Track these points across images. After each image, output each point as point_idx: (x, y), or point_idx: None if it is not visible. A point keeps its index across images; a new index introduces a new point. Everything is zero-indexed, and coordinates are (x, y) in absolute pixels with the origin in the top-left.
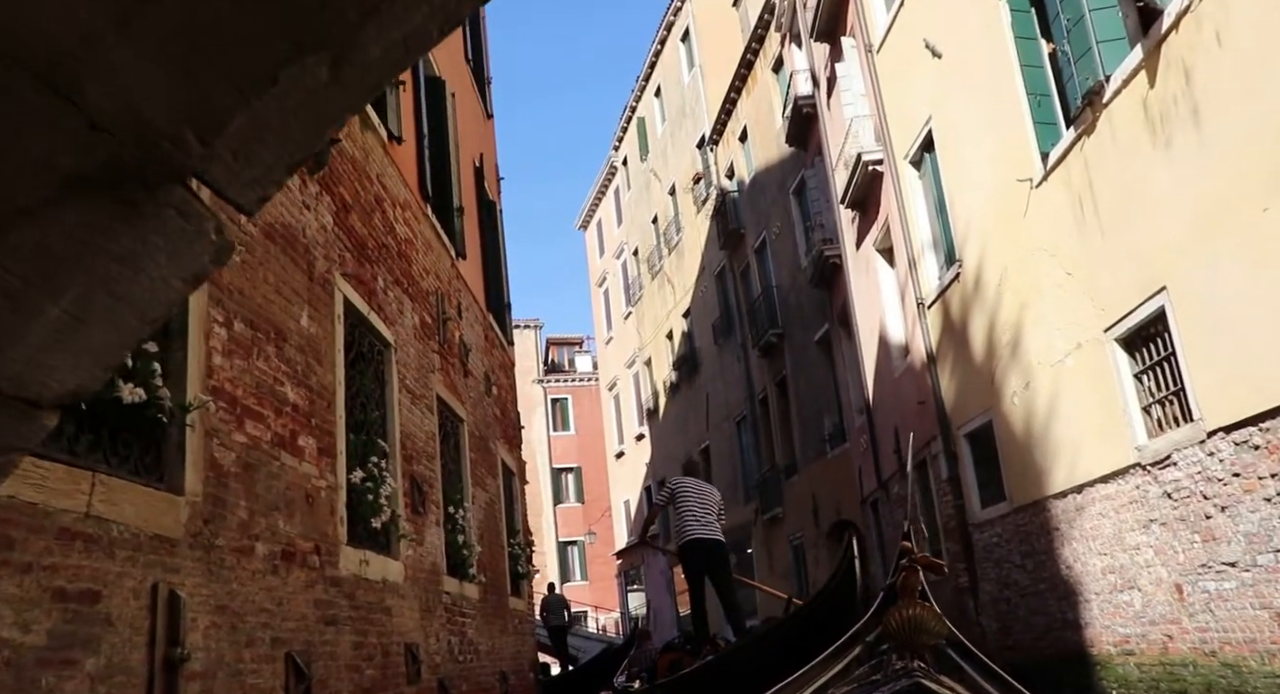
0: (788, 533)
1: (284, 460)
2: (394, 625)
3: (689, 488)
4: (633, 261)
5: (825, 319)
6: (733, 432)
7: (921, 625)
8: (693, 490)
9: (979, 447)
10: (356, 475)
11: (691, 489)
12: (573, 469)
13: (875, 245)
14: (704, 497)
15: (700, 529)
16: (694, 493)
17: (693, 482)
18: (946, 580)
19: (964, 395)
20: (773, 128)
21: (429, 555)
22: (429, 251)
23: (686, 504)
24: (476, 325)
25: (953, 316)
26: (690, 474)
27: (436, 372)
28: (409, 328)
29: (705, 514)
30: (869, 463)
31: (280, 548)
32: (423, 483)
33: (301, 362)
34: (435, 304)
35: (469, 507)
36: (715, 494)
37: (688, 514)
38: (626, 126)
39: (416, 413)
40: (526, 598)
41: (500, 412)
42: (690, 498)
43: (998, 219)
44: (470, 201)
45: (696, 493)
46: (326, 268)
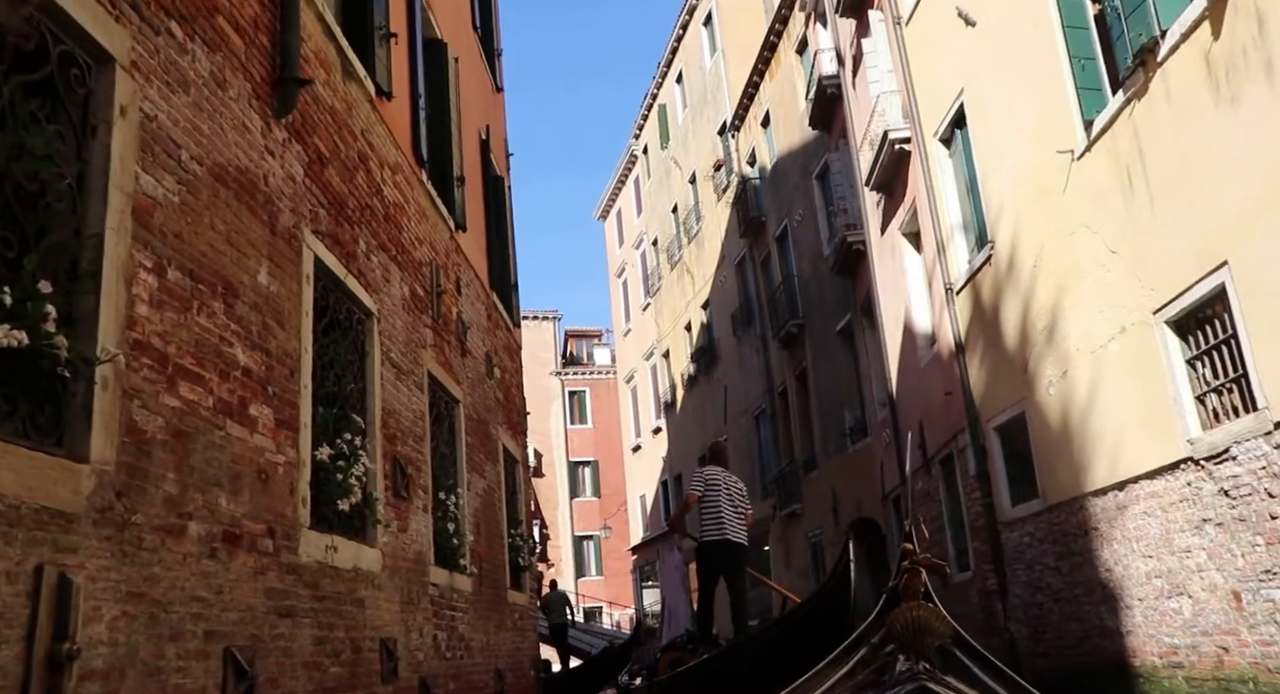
0: (806, 530)
1: (230, 430)
2: (367, 618)
3: (719, 481)
4: (652, 252)
5: (848, 308)
6: (751, 425)
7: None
8: (722, 484)
9: (1010, 440)
10: (324, 452)
11: (721, 483)
12: (590, 463)
13: (901, 229)
14: (732, 491)
15: (728, 530)
16: (723, 487)
17: (723, 473)
18: (973, 582)
19: (994, 386)
20: (796, 111)
21: (413, 544)
22: (423, 220)
23: (715, 499)
24: (478, 303)
25: (983, 302)
26: (717, 459)
27: (429, 347)
28: (396, 298)
29: (733, 511)
30: (891, 458)
31: (221, 529)
32: (407, 465)
33: (257, 322)
34: (430, 276)
35: (463, 493)
36: (740, 485)
37: (717, 510)
38: (647, 114)
39: (403, 390)
40: (529, 592)
41: (504, 396)
42: (720, 492)
43: (1034, 196)
44: (474, 173)
45: (725, 487)
46: (293, 222)
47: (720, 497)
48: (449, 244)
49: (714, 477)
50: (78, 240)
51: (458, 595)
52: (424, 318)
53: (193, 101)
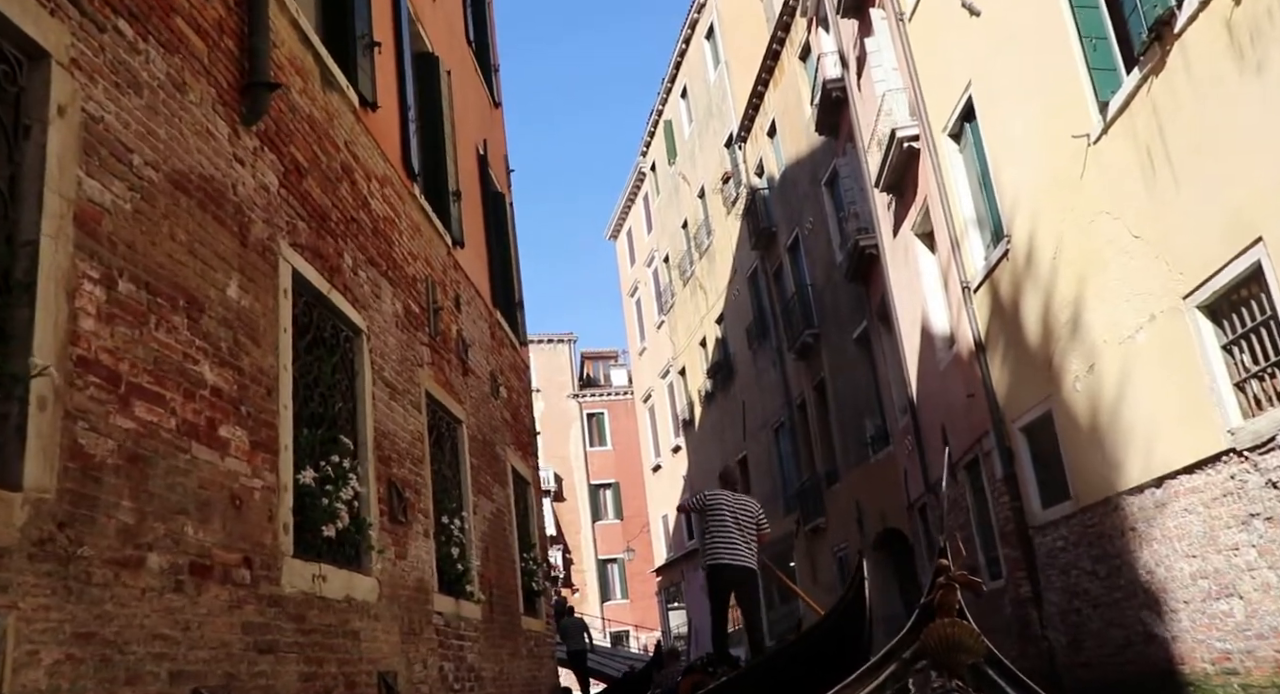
0: (831, 544)
1: (197, 454)
2: (363, 651)
3: (725, 503)
4: (664, 269)
5: (863, 315)
6: (770, 440)
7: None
8: (728, 506)
9: (1037, 440)
10: (308, 475)
11: (727, 505)
12: (611, 485)
13: (914, 229)
14: (740, 514)
15: (729, 555)
16: (729, 509)
17: (730, 496)
18: (1006, 591)
19: (1018, 385)
20: (802, 119)
21: (413, 570)
22: (416, 235)
23: (720, 521)
24: (480, 321)
25: (1002, 299)
26: (727, 485)
27: (426, 366)
28: (388, 314)
29: (739, 536)
30: (915, 465)
31: (188, 560)
32: (404, 488)
33: (227, 338)
34: (425, 292)
35: (468, 517)
36: (753, 506)
37: (721, 534)
38: (654, 131)
39: (398, 410)
40: (544, 618)
41: (511, 416)
42: (724, 515)
43: (1050, 185)
44: (472, 189)
45: (732, 509)
46: (268, 234)
47: (726, 519)
48: (446, 260)
49: (717, 498)
50: (10, 248)
51: (466, 624)
52: (420, 336)
53: (146, 104)
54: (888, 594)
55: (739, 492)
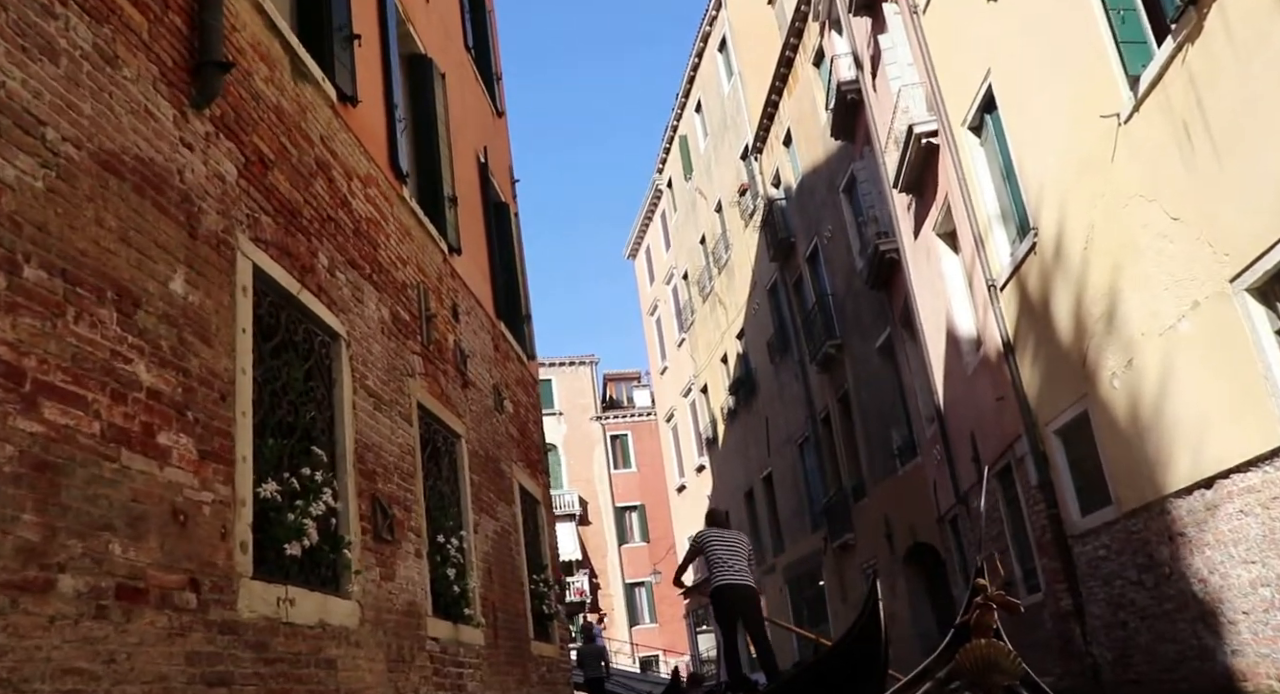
0: (860, 560)
1: (128, 463)
2: (340, 681)
3: (713, 538)
4: (683, 286)
5: (886, 323)
6: (795, 455)
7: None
8: (719, 540)
9: (1074, 443)
10: (270, 488)
11: (716, 539)
12: (636, 507)
13: (935, 229)
14: (732, 546)
15: (728, 575)
16: (722, 543)
17: (716, 532)
18: (1045, 604)
19: (1051, 385)
20: (817, 125)
21: (402, 593)
22: (406, 239)
23: (714, 552)
24: (482, 332)
25: (1030, 295)
26: (714, 524)
27: (418, 376)
28: (372, 320)
29: (734, 560)
30: (944, 476)
31: (115, 582)
32: (391, 505)
33: (170, 337)
34: (417, 299)
35: (468, 536)
36: (743, 541)
37: (716, 562)
38: (669, 147)
39: (384, 421)
40: (558, 642)
41: (518, 432)
42: (716, 546)
43: (1078, 172)
44: (472, 197)
45: (726, 541)
46: (223, 226)
47: (720, 550)
48: (442, 268)
49: (707, 536)
50: None
51: (465, 650)
52: (411, 344)
53: (65, 75)
54: (920, 611)
55: (727, 528)
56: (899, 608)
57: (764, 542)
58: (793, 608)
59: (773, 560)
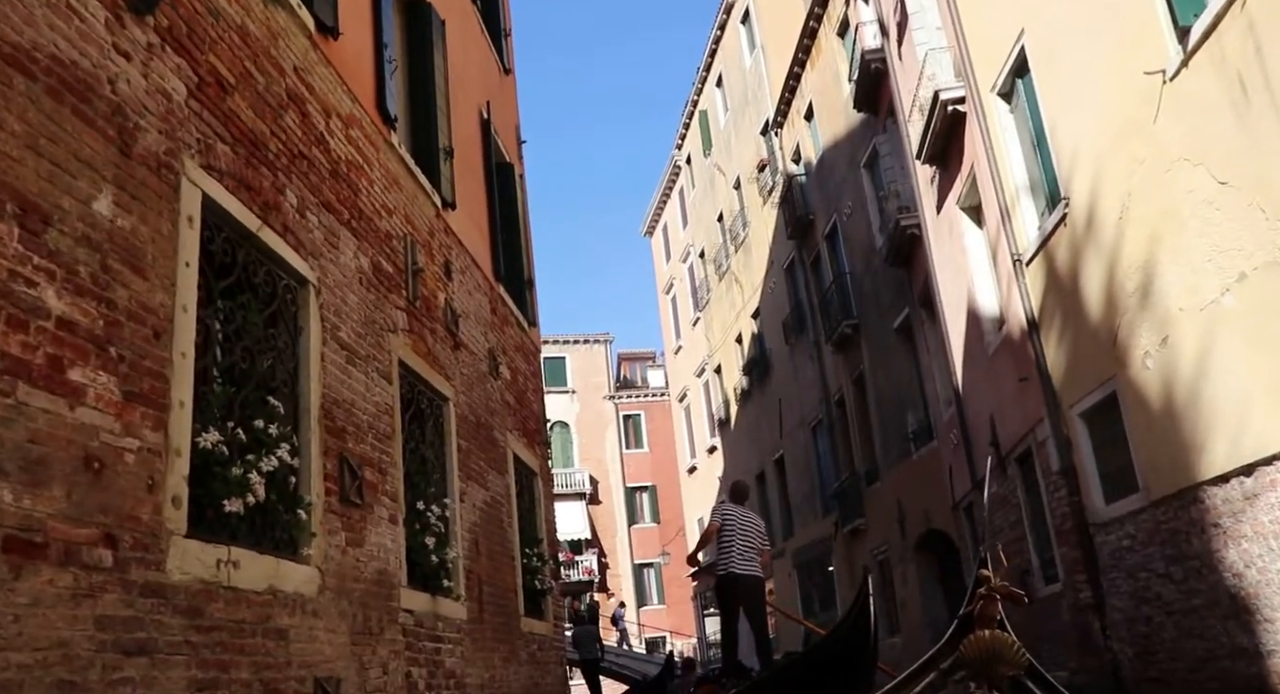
0: (871, 546)
1: (25, 398)
2: (293, 653)
3: (735, 518)
4: (699, 264)
5: (905, 302)
6: (808, 438)
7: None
8: (738, 521)
9: (1100, 427)
10: (210, 438)
11: (737, 520)
12: (647, 488)
13: (959, 203)
14: (748, 529)
15: (741, 564)
16: (739, 524)
17: (740, 512)
18: (1063, 596)
19: (1077, 365)
20: (840, 98)
21: (372, 560)
22: (394, 188)
23: (731, 535)
24: (477, 293)
25: (1058, 270)
26: (738, 499)
27: (401, 332)
28: (348, 269)
29: (747, 548)
30: (960, 461)
31: (1, 534)
32: (362, 466)
33: (90, 262)
34: (404, 252)
35: (453, 505)
36: (759, 524)
37: (731, 546)
38: (688, 123)
39: (358, 377)
40: (552, 619)
41: (515, 399)
42: (735, 529)
43: (1116, 136)
44: (471, 153)
45: (742, 524)
46: (165, 147)
47: (735, 532)
48: (434, 222)
49: (730, 515)
50: None
51: (445, 624)
52: (394, 298)
53: None
54: (932, 599)
55: (748, 509)
56: (909, 596)
57: (774, 525)
58: (801, 594)
59: (782, 545)
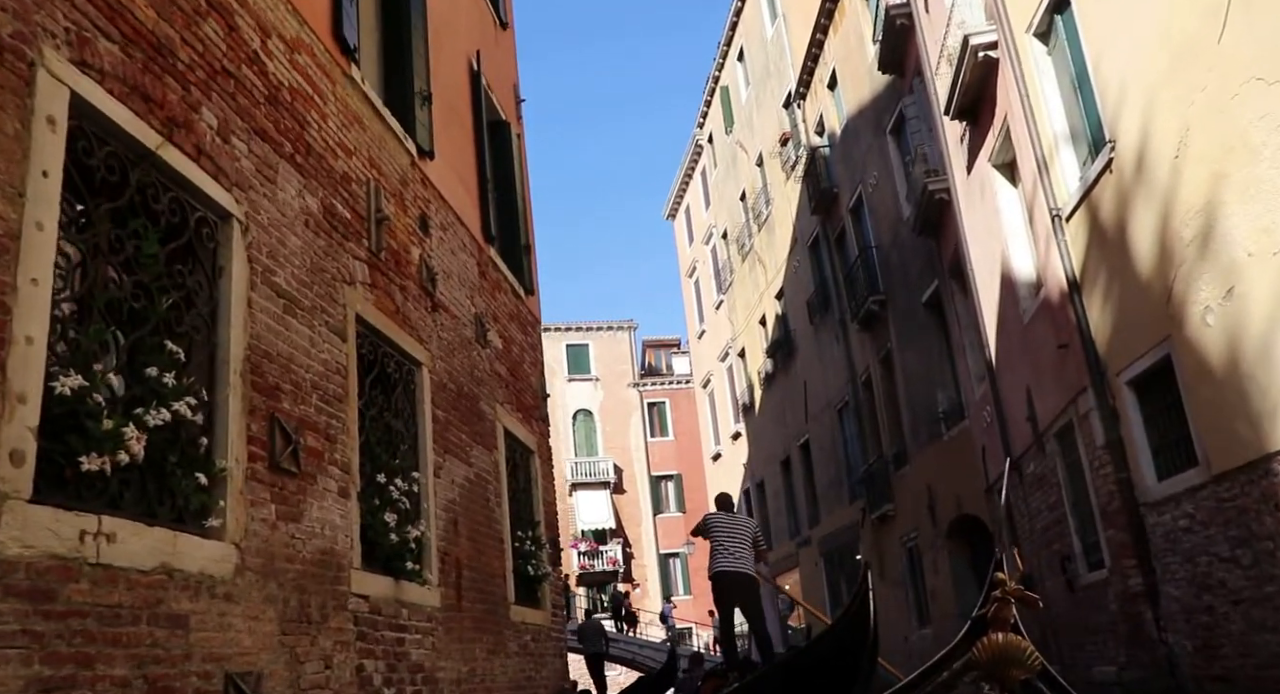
0: (901, 533)
1: None
2: (194, 644)
3: (719, 523)
4: (722, 245)
5: (933, 274)
6: (834, 421)
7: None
8: (723, 524)
9: (1151, 395)
10: (70, 382)
11: (722, 523)
12: (673, 477)
13: (991, 160)
14: (734, 530)
15: (729, 562)
16: (724, 527)
17: (724, 516)
18: (1109, 583)
19: (1124, 327)
20: (864, 63)
21: (312, 538)
22: (354, 127)
23: (716, 538)
24: (462, 254)
25: (1103, 223)
26: (723, 508)
27: (359, 285)
28: (290, 208)
29: (735, 547)
30: (994, 440)
31: None
32: (300, 430)
33: None
34: (366, 198)
35: (425, 480)
36: (749, 525)
37: (717, 547)
38: (710, 100)
39: (300, 330)
40: (549, 608)
41: (508, 370)
42: (720, 532)
43: (1171, 63)
44: (458, 104)
45: (726, 527)
46: (11, 31)
47: (721, 536)
48: (408, 171)
49: (714, 520)
50: None
51: (411, 611)
52: (351, 247)
53: None
54: (964, 588)
55: (735, 513)
56: (940, 586)
57: (799, 513)
58: (828, 583)
59: (808, 532)
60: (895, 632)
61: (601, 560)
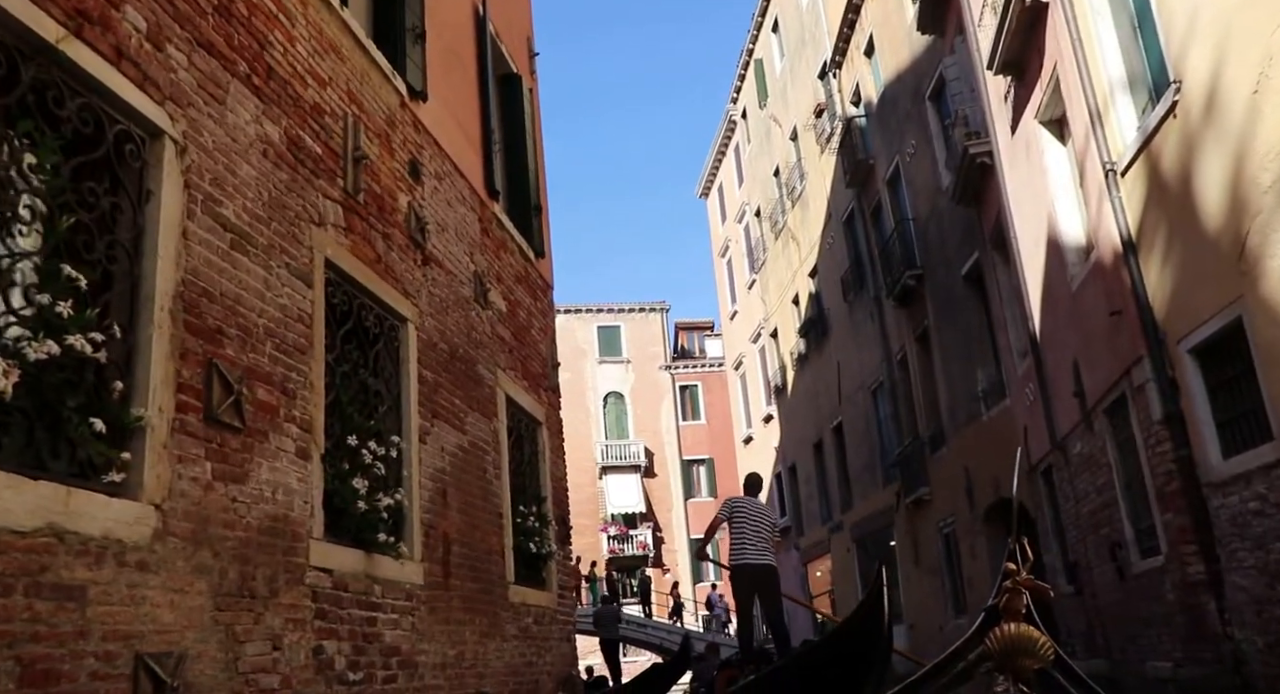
0: (937, 518)
1: None
2: (95, 620)
3: (745, 510)
4: (755, 223)
5: (973, 246)
6: (868, 402)
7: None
8: (749, 513)
9: (1217, 363)
10: None
11: (747, 511)
12: (704, 461)
13: (1038, 116)
14: (758, 520)
15: (753, 554)
16: (750, 516)
17: (750, 502)
18: (1166, 571)
19: (1187, 290)
20: (903, 25)
21: (258, 502)
22: (329, 55)
23: (741, 527)
24: (460, 207)
25: (1163, 174)
26: (751, 492)
27: (330, 227)
28: (244, 133)
29: (758, 538)
30: (1037, 418)
31: None
32: (248, 380)
33: None
34: (344, 134)
35: (408, 445)
36: (770, 516)
37: (742, 537)
38: (744, 74)
39: (253, 270)
40: (555, 588)
41: (513, 336)
42: (745, 521)
43: None
44: (461, 48)
45: (752, 516)
46: None
47: (745, 523)
48: (397, 112)
49: (740, 507)
50: None
51: (387, 588)
52: (321, 184)
53: None
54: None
55: (759, 500)
56: (978, 573)
57: (831, 498)
58: (860, 572)
59: (840, 517)
60: (930, 620)
61: (631, 545)
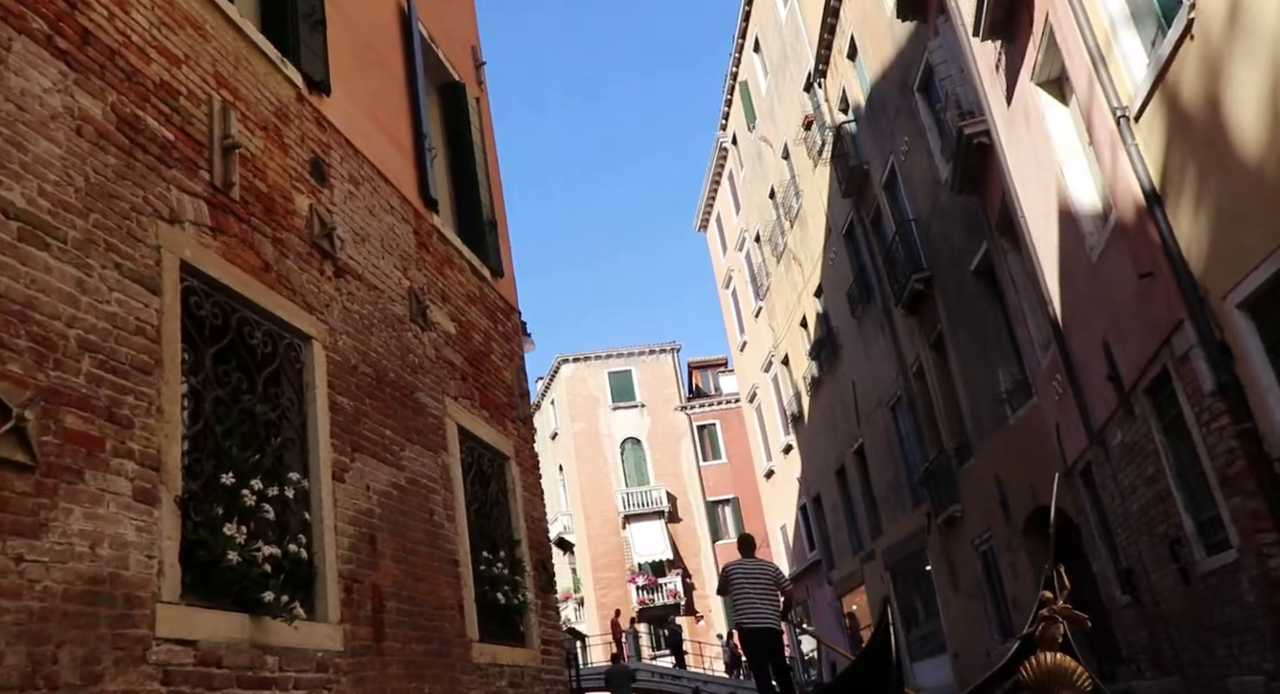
0: (971, 536)
1: None
2: None
3: (742, 573)
4: (755, 249)
5: (980, 237)
6: (887, 420)
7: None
8: (743, 574)
9: (1272, 316)
10: None
11: (741, 573)
12: (729, 501)
13: (1034, 78)
14: (757, 578)
15: (750, 618)
16: (749, 576)
17: (746, 564)
18: (1241, 567)
19: (1226, 235)
20: (883, 19)
21: (67, 560)
22: (184, 30)
23: (742, 589)
24: (388, 216)
25: (1185, 107)
26: (745, 552)
27: (186, 225)
28: (38, 102)
29: (760, 599)
30: (1069, 413)
31: None
32: (38, 403)
33: None
34: (206, 120)
35: (317, 484)
36: (770, 570)
37: (741, 601)
38: (730, 99)
39: (64, 270)
40: (535, 646)
41: (465, 360)
42: (742, 583)
43: None
44: (383, 46)
45: (751, 576)
46: None
47: (743, 585)
48: (292, 105)
49: (736, 570)
50: None
51: (287, 659)
52: (173, 174)
53: None
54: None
55: (757, 558)
56: (1021, 592)
57: (859, 525)
58: (899, 600)
59: (870, 545)
60: (976, 647)
61: (661, 594)
